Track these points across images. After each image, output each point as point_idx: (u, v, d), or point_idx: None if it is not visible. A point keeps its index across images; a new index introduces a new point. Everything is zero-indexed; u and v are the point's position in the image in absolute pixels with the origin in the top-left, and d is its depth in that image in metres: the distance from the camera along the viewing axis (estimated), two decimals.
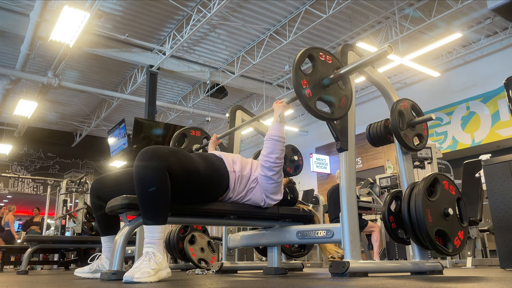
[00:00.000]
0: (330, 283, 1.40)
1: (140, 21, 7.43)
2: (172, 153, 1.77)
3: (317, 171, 10.96)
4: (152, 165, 1.65)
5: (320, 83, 1.83)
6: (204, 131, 3.18)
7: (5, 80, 8.42)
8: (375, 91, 9.58)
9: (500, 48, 7.94)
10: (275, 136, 1.99)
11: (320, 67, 1.86)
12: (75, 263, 5.26)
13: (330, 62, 1.91)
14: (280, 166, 2.01)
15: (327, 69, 1.88)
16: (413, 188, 2.06)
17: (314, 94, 1.79)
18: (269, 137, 2.01)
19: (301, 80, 1.77)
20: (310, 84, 1.79)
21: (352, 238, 1.86)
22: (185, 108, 10.54)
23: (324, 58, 1.89)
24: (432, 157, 4.52)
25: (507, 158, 2.77)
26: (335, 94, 1.87)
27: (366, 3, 6.93)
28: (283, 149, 2.01)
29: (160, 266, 1.61)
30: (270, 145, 1.99)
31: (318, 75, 1.83)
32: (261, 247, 3.00)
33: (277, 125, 2.03)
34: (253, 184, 2.03)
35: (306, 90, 1.77)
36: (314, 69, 1.84)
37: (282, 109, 2.07)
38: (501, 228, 2.70)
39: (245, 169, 2.03)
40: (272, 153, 1.98)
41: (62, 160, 12.86)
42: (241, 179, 2.00)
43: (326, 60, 1.89)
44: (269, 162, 1.97)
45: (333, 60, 1.93)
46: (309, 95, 1.77)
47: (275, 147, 1.98)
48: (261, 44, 8.02)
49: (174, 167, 1.71)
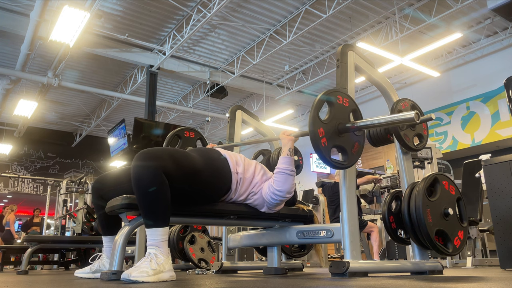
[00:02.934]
0: (330, 283, 1.39)
1: (140, 21, 7.43)
2: (169, 154, 1.75)
3: (317, 171, 10.96)
4: (147, 166, 1.64)
5: (336, 130, 1.78)
6: (199, 132, 3.11)
7: (5, 80, 8.42)
8: (375, 91, 9.58)
9: (500, 48, 7.93)
10: (287, 170, 1.97)
11: (337, 113, 1.81)
12: (75, 263, 5.26)
13: (347, 106, 1.87)
14: (288, 198, 2.01)
15: (344, 113, 1.84)
16: (413, 188, 2.06)
17: (329, 143, 1.75)
18: (280, 170, 1.97)
19: (318, 129, 1.72)
20: (326, 132, 1.74)
21: (352, 238, 1.86)
22: (185, 108, 10.55)
23: (342, 101, 1.85)
24: (432, 157, 4.51)
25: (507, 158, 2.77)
26: (348, 141, 1.84)
27: (366, 3, 6.93)
28: (294, 183, 2.01)
29: (161, 267, 1.58)
30: (282, 179, 1.96)
31: (334, 121, 1.78)
32: (261, 247, 3.00)
33: (288, 158, 1.99)
34: (255, 189, 2.01)
35: (322, 139, 1.72)
36: (331, 115, 1.79)
37: (291, 143, 2.03)
38: (501, 228, 2.70)
39: (248, 171, 2.01)
40: (283, 187, 1.95)
41: (62, 160, 12.86)
42: (243, 182, 1.98)
43: (344, 104, 1.85)
44: (279, 197, 1.96)
45: (350, 102, 1.89)
46: (324, 144, 1.72)
47: (287, 181, 1.96)
48: (261, 44, 8.02)
49: (170, 167, 1.69)
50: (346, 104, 1.87)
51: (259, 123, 3.10)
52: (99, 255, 2.08)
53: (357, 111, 1.91)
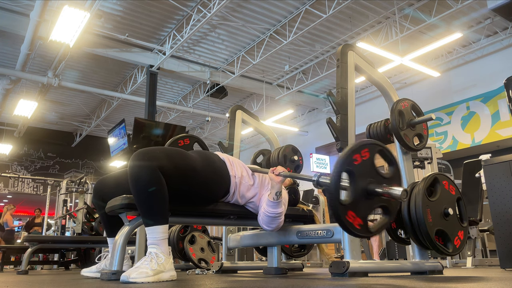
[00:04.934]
0: (330, 283, 1.39)
1: (140, 21, 7.43)
2: (165, 153, 1.76)
3: (317, 171, 10.92)
4: (144, 165, 1.65)
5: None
6: (194, 136, 3.05)
7: (5, 80, 8.42)
8: (375, 91, 9.57)
9: (500, 48, 7.93)
10: (272, 214, 1.96)
11: None
12: (75, 263, 5.26)
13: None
14: (279, 227, 2.04)
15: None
16: (413, 188, 2.06)
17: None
18: (266, 213, 1.97)
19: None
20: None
21: (352, 238, 1.86)
22: (185, 108, 10.55)
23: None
24: (432, 157, 4.51)
25: (507, 158, 2.77)
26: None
27: (366, 3, 6.93)
28: (282, 221, 2.01)
29: (162, 267, 1.58)
30: (269, 220, 1.98)
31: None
32: (261, 247, 3.00)
33: (273, 203, 1.94)
34: (255, 199, 2.03)
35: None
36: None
37: (279, 186, 1.92)
38: (501, 228, 2.70)
39: (248, 177, 2.02)
40: (270, 226, 2.00)
41: (62, 160, 12.86)
42: (241, 186, 1.99)
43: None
44: (271, 228, 2.01)
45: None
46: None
47: (273, 221, 1.98)
48: (261, 44, 8.02)
49: (167, 166, 1.70)
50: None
51: (259, 123, 3.10)
52: (105, 254, 2.08)
53: None
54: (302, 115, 11.74)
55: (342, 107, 2.01)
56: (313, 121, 11.71)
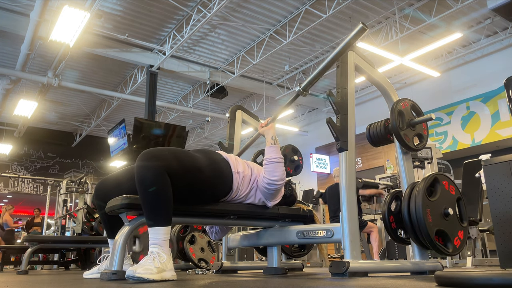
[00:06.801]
0: (330, 283, 1.39)
1: (140, 21, 7.43)
2: (172, 154, 1.77)
3: (317, 171, 10.96)
4: (150, 166, 1.66)
5: None
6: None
7: (5, 80, 8.42)
8: (375, 91, 9.57)
9: (500, 48, 7.93)
10: (274, 158, 2.01)
11: None
12: (75, 263, 5.26)
13: None
14: (282, 185, 2.05)
15: None
16: (413, 188, 2.06)
17: None
18: (268, 161, 2.01)
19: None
20: None
21: (352, 238, 1.86)
22: (185, 108, 10.55)
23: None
24: (432, 157, 4.51)
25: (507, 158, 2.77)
26: None
27: (366, 3, 6.93)
28: (284, 170, 2.03)
29: (164, 266, 1.59)
30: (272, 168, 2.00)
31: None
32: (261, 247, 3.00)
33: (273, 147, 2.04)
34: (255, 184, 2.05)
35: None
36: None
37: (272, 131, 2.09)
38: (501, 228, 2.70)
39: (247, 169, 2.05)
40: (274, 175, 1.99)
41: (62, 160, 12.86)
42: (244, 180, 2.01)
43: None
44: (274, 185, 2.00)
45: None
46: None
47: (277, 169, 1.99)
48: (261, 44, 8.02)
49: (174, 167, 1.71)
50: None
51: (259, 123, 3.10)
52: (106, 255, 2.08)
53: None
54: (302, 115, 11.74)
55: (342, 107, 2.01)
56: (313, 121, 11.72)
